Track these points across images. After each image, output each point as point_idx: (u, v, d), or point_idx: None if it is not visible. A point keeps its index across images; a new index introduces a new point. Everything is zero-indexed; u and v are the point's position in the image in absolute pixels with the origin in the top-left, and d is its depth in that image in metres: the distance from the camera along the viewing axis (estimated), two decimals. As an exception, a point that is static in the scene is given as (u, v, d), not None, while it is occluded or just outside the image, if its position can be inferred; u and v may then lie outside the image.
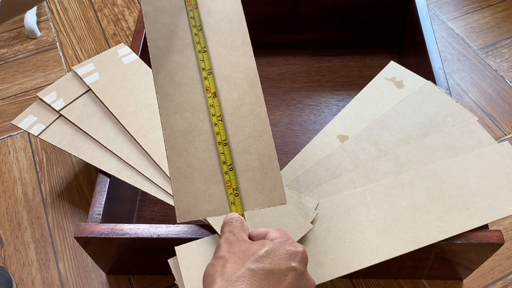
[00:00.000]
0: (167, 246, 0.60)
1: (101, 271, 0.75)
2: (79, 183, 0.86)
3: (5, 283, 0.72)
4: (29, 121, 0.74)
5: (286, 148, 0.87)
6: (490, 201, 0.62)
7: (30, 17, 1.11)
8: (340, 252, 0.60)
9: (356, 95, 0.77)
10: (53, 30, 1.14)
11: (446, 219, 0.61)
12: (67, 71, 1.05)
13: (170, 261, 0.60)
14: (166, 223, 0.63)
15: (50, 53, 1.09)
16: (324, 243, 0.60)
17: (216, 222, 0.59)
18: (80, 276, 0.75)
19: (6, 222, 0.82)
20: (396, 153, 0.69)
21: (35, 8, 1.14)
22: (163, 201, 0.65)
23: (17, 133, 0.94)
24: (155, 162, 0.68)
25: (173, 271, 0.59)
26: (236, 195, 0.54)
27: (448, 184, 0.64)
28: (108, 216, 0.67)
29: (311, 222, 0.61)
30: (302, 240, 0.61)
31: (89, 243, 0.63)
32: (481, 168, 0.65)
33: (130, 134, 0.70)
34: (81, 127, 0.73)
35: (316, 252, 0.60)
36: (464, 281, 0.73)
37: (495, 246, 0.61)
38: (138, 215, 0.80)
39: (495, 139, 0.87)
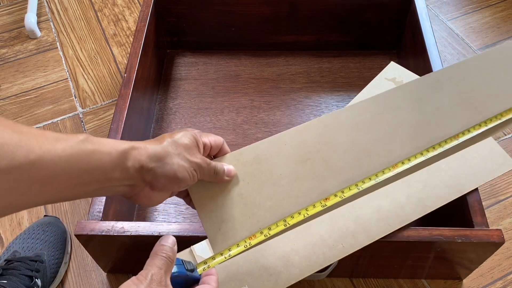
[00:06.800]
0: (168, 244, 0.60)
1: (101, 270, 0.75)
2: (79, 183, 0.86)
3: (60, 233, 0.77)
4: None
5: (286, 148, 0.87)
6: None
7: (30, 17, 1.11)
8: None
9: (355, 96, 0.77)
10: (53, 30, 1.14)
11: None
12: (68, 71, 1.05)
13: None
14: (166, 222, 0.63)
15: (50, 53, 1.09)
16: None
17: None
18: (80, 276, 0.75)
19: (6, 222, 0.82)
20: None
21: (35, 8, 1.14)
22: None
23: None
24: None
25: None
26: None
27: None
28: (108, 214, 0.67)
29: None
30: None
31: (90, 241, 0.63)
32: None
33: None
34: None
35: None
36: (464, 280, 0.74)
37: (495, 245, 0.61)
38: (138, 214, 0.80)
39: (495, 139, 0.88)
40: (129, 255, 0.69)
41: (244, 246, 0.51)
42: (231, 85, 0.99)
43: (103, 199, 0.65)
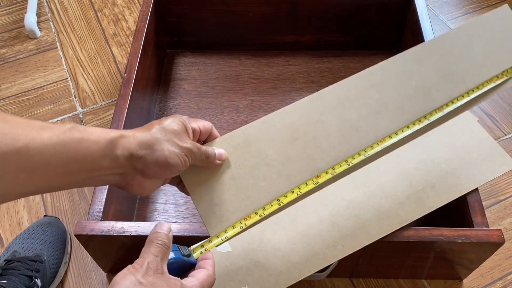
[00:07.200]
0: (168, 244, 0.59)
1: (101, 270, 0.75)
2: (79, 183, 0.86)
3: (60, 233, 0.76)
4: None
5: (286, 148, 0.87)
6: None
7: (30, 17, 1.11)
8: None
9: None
10: (53, 30, 1.14)
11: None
12: (67, 71, 1.05)
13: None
14: (166, 222, 0.63)
15: (50, 53, 1.09)
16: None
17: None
18: (80, 276, 0.75)
19: (6, 222, 0.82)
20: (396, 153, 0.69)
21: (35, 8, 1.14)
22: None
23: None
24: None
25: None
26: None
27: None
28: (108, 214, 0.67)
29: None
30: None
31: (89, 241, 0.63)
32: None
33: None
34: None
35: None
36: (464, 280, 0.73)
37: (495, 245, 0.61)
38: (138, 214, 0.80)
39: (495, 139, 0.88)
40: (129, 255, 0.68)
41: (240, 228, 0.52)
42: (231, 85, 0.99)
43: (103, 199, 0.65)
